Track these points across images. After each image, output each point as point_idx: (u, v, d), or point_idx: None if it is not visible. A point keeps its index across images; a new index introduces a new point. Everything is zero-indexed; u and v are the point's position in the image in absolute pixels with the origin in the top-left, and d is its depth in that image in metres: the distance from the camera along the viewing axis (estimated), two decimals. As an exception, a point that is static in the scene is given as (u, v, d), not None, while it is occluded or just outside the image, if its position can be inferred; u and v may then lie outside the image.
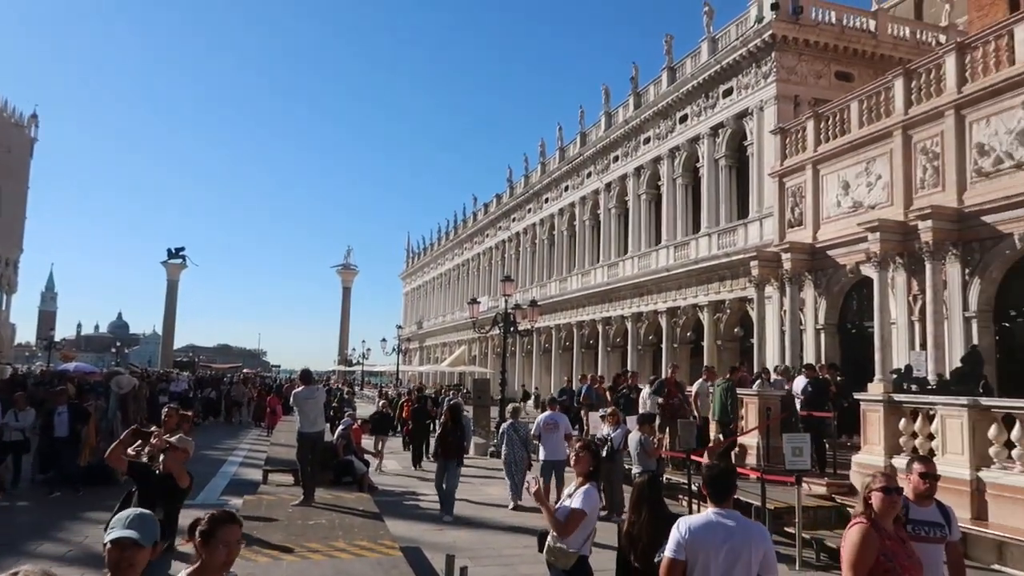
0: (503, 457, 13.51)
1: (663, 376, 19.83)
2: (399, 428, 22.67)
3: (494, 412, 23.45)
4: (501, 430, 14.25)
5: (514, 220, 51.25)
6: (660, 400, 15.95)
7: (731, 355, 25.98)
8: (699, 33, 29.69)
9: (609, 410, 13.72)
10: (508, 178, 53.50)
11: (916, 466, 4.74)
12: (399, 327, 57.82)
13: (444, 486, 12.19)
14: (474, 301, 26.10)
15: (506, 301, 23.87)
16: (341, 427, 16.30)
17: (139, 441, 7.10)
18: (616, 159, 36.21)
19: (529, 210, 48.40)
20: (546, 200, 45.53)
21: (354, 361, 67.29)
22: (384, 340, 58.30)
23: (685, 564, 3.90)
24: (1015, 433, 9.86)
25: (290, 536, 8.84)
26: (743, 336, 25.88)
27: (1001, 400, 11.16)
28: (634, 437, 11.51)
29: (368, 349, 65.41)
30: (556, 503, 5.77)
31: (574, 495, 5.44)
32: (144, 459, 6.96)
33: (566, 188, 42.44)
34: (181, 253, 59.92)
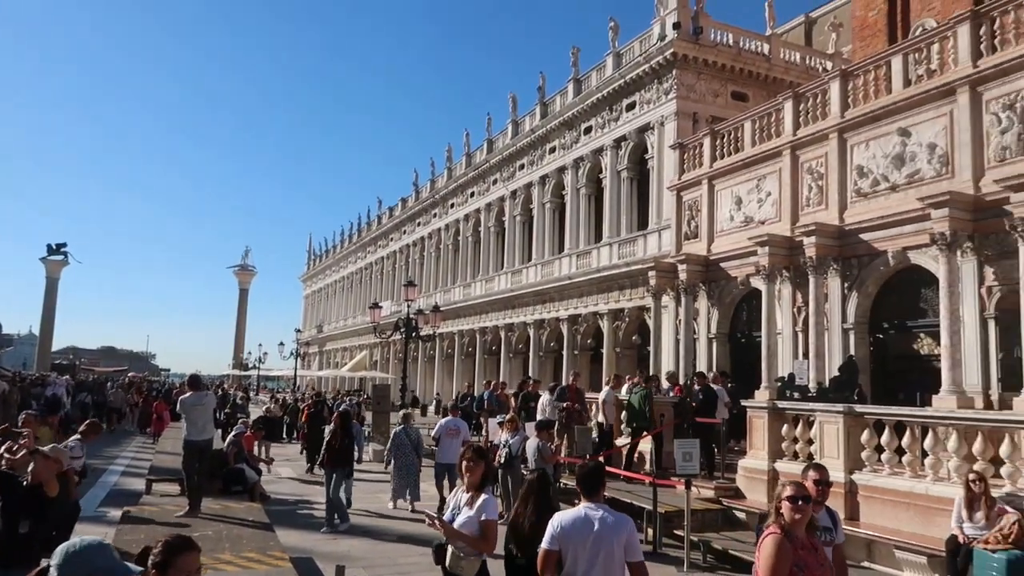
0: (393, 462, 13.62)
1: (564, 383, 20.13)
2: (295, 434, 22.06)
3: (395, 418, 23.17)
4: (392, 435, 14.30)
5: (419, 224, 50.93)
6: (562, 406, 16.15)
7: (629, 362, 26.63)
8: (605, 47, 30.42)
9: (508, 416, 13.80)
10: (414, 182, 53.16)
11: (811, 473, 4.88)
12: (298, 331, 56.42)
13: (332, 495, 11.94)
14: (376, 306, 25.74)
15: (408, 306, 23.66)
16: (232, 434, 15.72)
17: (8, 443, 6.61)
18: (522, 167, 36.56)
19: (435, 215, 48.21)
20: (452, 205, 45.47)
21: (250, 365, 65.15)
22: (282, 344, 56.81)
23: (558, 553, 4.39)
24: (884, 438, 10.52)
25: (172, 549, 8.42)
26: (641, 344, 26.57)
27: (872, 407, 11.90)
28: (532, 443, 11.60)
29: (265, 353, 63.64)
30: (447, 507, 5.71)
31: (476, 506, 5.28)
32: (2, 466, 6.49)
33: (472, 194, 42.52)
34: (63, 249, 56.38)
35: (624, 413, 15.62)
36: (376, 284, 58.43)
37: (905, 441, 10.28)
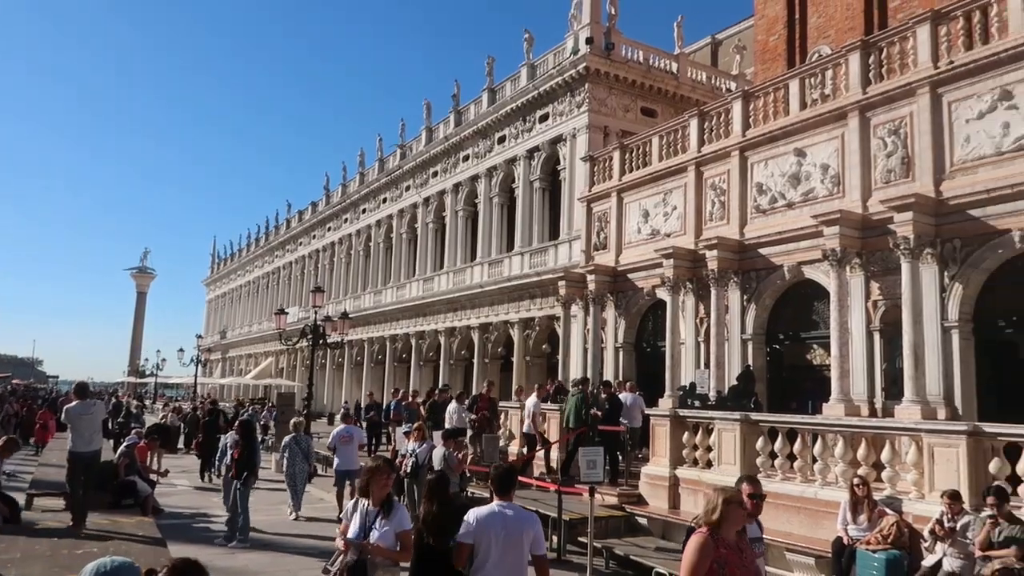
0: (284, 470, 13.53)
1: (475, 392, 20.21)
2: (192, 444, 21.20)
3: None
4: (283, 443, 14.31)
5: (330, 229, 49.97)
6: (472, 417, 16.13)
7: (539, 371, 26.86)
8: (519, 58, 30.71)
9: (415, 425, 13.67)
10: (325, 186, 52.16)
11: (745, 486, 5.09)
12: (199, 336, 54.29)
13: (231, 507, 11.54)
14: (281, 311, 25.05)
15: (316, 312, 23.16)
16: (124, 444, 14.96)
17: None
18: (435, 174, 36.44)
19: (346, 220, 47.42)
20: (363, 211, 44.84)
21: (147, 372, 62.25)
22: (182, 350, 54.44)
23: (472, 546, 4.88)
24: (778, 444, 10.98)
25: (53, 569, 7.96)
26: (551, 353, 26.85)
27: (767, 415, 12.40)
28: (439, 452, 11.53)
29: (163, 360, 60.86)
30: (345, 517, 5.63)
31: (391, 519, 5.34)
32: None
33: (384, 200, 42.07)
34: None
35: (568, 416, 15.53)
36: (284, 289, 56.95)
37: (796, 447, 10.76)
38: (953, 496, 8.33)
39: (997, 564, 3.77)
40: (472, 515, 4.96)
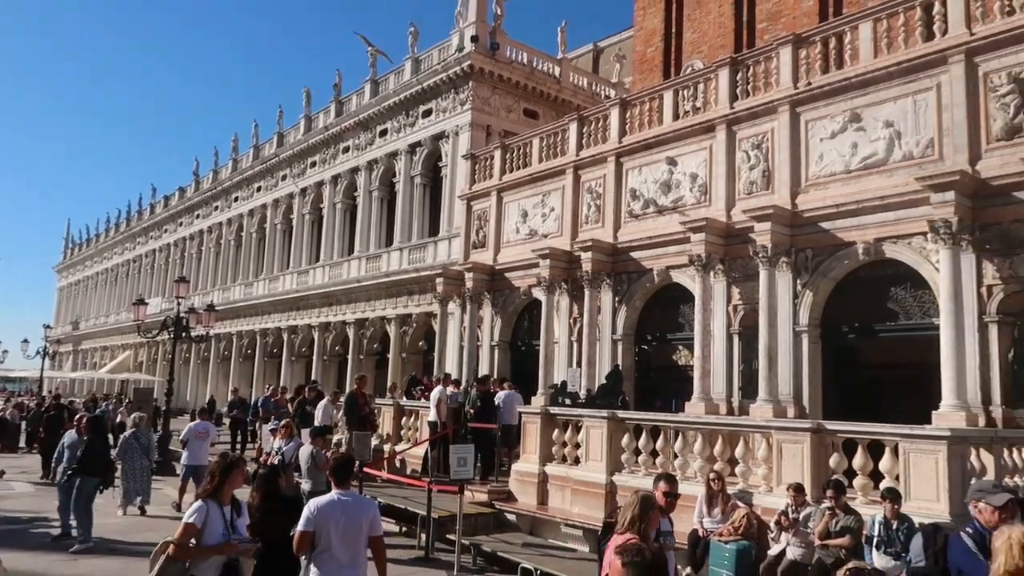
0: (120, 466, 13.09)
1: (349, 388, 19.72)
2: (35, 442, 19.63)
3: (175, 425, 21.43)
4: (121, 439, 13.88)
5: (198, 217, 47.60)
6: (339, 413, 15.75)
7: (415, 367, 26.64)
8: (404, 51, 30.39)
9: (282, 422, 13.22)
10: (195, 171, 49.63)
11: (661, 484, 5.24)
12: (47, 327, 50.30)
13: (74, 508, 10.77)
14: (141, 302, 23.59)
15: (179, 304, 21.98)
16: (-48, 443, 13.66)
17: None
18: (313, 164, 35.45)
19: (216, 208, 45.31)
20: (236, 199, 43.00)
21: (-15, 364, 57.09)
22: (26, 341, 50.22)
23: (313, 534, 5.11)
24: (642, 441, 11.38)
25: None
26: (427, 349, 26.70)
27: (632, 413, 12.83)
28: (306, 450, 11.18)
29: (5, 351, 55.99)
30: (201, 515, 5.37)
31: (242, 515, 5.44)
32: None
33: (259, 188, 40.51)
34: None
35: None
36: (146, 278, 53.76)
37: (659, 444, 11.18)
38: (797, 489, 8.91)
39: (851, 565, 4.01)
40: (313, 504, 5.24)
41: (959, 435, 8.49)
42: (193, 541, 5.05)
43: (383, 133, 30.80)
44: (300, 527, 5.16)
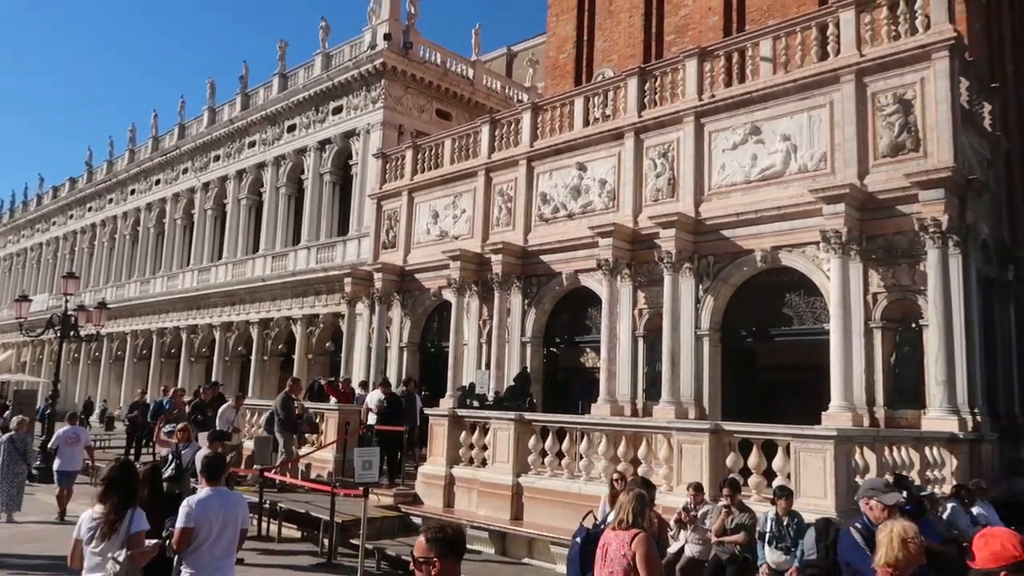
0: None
1: (250, 390, 19.14)
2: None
3: (39, 428, 20.18)
4: None
5: (91, 210, 45.13)
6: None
7: (321, 369, 26.08)
8: (314, 45, 29.75)
9: (179, 426, 12.65)
10: (87, 160, 47.05)
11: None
12: (-82, 324, 46.68)
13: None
14: (24, 298, 22.14)
15: (67, 301, 20.78)
16: None
17: None
18: (217, 159, 34.21)
19: (111, 200, 43.08)
20: (132, 192, 41.01)
21: None
22: None
23: (193, 529, 5.34)
24: (548, 443, 11.48)
25: None
26: (334, 351, 26.19)
27: (539, 415, 12.96)
28: (202, 455, 10.74)
29: None
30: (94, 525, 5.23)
31: (138, 520, 5.32)
32: None
33: (157, 182, 38.76)
34: None
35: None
36: (31, 274, 50.58)
37: (565, 445, 11.31)
38: (696, 488, 9.17)
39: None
40: (192, 500, 5.48)
41: (844, 435, 8.95)
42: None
43: (291, 128, 30.03)
44: (180, 524, 5.34)
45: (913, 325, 12.10)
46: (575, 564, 6.93)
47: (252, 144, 32.04)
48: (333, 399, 16.27)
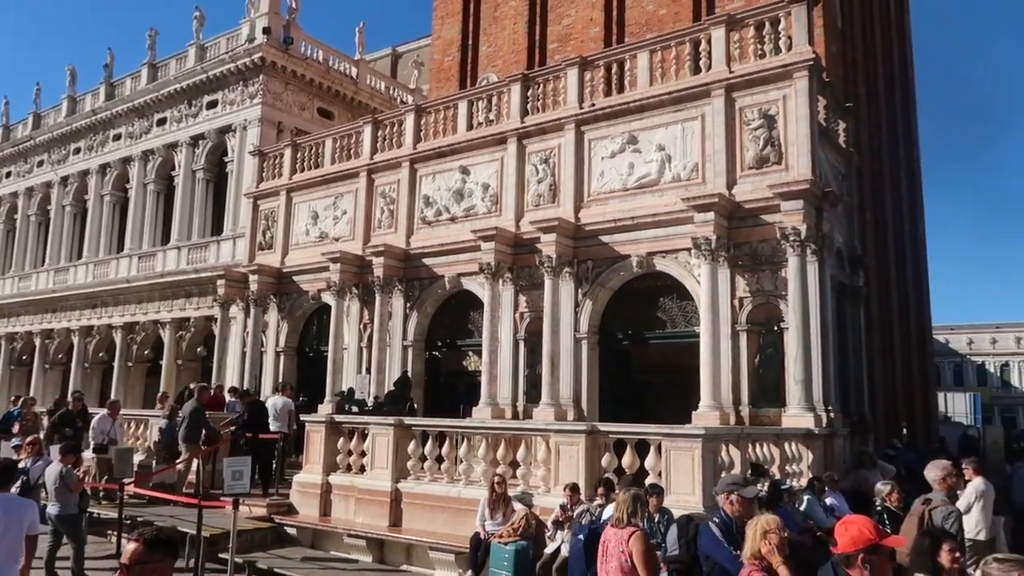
0: None
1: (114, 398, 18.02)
2: None
3: None
4: None
5: (-69, 203, 41.14)
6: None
7: (192, 375, 24.82)
8: (187, 36, 28.35)
9: (29, 439, 11.70)
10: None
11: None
12: None
13: None
14: None
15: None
16: None
17: None
18: (78, 151, 31.96)
19: (-46, 193, 39.44)
20: (-21, 185, 37.71)
21: None
22: None
23: None
24: (428, 448, 11.38)
25: None
26: (207, 356, 25.00)
27: (419, 419, 12.85)
28: (53, 469, 9.97)
29: None
30: None
31: None
32: None
33: (8, 174, 35.79)
34: None
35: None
36: None
37: (445, 450, 11.24)
38: (573, 488, 9.33)
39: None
40: None
41: (712, 433, 9.34)
42: None
43: (162, 122, 28.49)
44: None
45: (775, 328, 12.81)
46: (579, 561, 7.05)
47: (117, 137, 30.16)
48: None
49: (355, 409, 14.00)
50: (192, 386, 16.94)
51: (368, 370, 17.34)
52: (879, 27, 22.70)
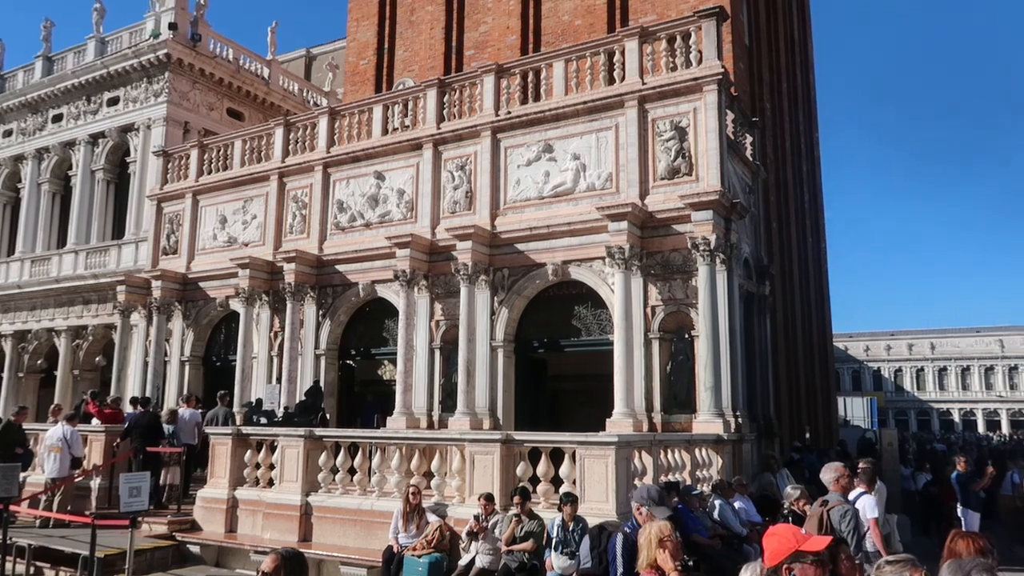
0: None
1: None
2: None
3: None
4: None
5: None
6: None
7: (90, 386, 23.45)
8: (87, 28, 26.97)
9: None
10: None
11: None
12: None
13: None
14: None
15: None
16: None
17: None
18: (-37, 148, 29.93)
19: None
20: None
21: None
22: None
23: None
24: (340, 459, 11.09)
25: None
26: (105, 366, 23.75)
27: (331, 430, 12.52)
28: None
29: None
30: None
31: None
32: None
33: None
34: None
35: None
36: None
37: (357, 461, 10.98)
38: (488, 498, 9.26)
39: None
40: None
41: (624, 440, 9.42)
42: None
43: (58, 119, 27.00)
44: None
45: (686, 336, 13.09)
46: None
47: (8, 134, 28.40)
48: (96, 420, 14.68)
49: (264, 420, 13.52)
50: (86, 397, 16.08)
51: (279, 380, 16.82)
52: (784, 46, 23.66)
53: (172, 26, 24.38)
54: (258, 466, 11.92)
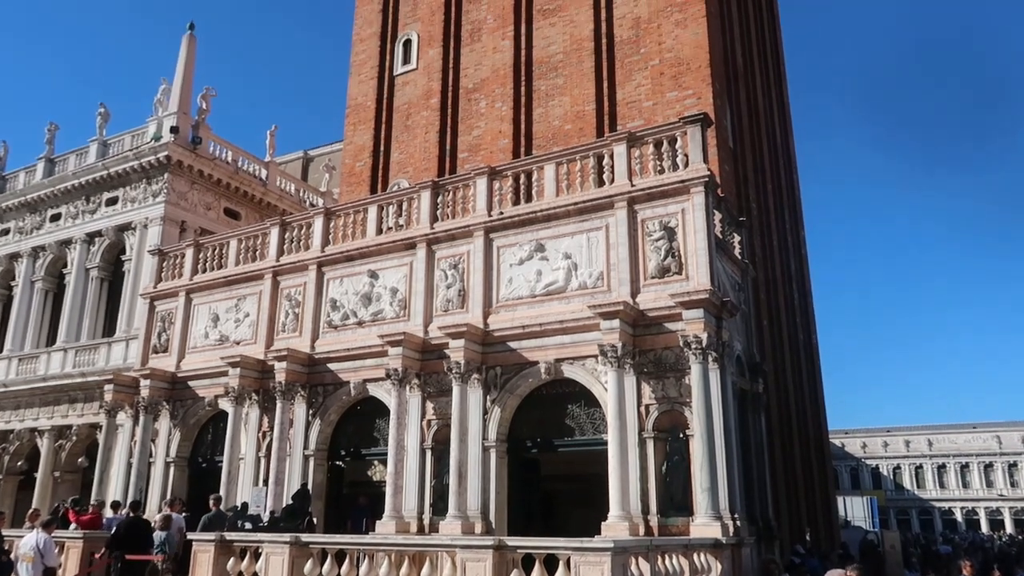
0: None
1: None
2: None
3: None
4: None
5: None
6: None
7: (70, 489, 22.90)
8: (90, 131, 27.71)
9: None
10: None
11: None
12: None
13: None
14: None
15: None
16: None
17: None
18: (-42, 247, 30.16)
19: None
20: None
21: None
22: None
23: None
24: (326, 567, 10.68)
25: None
26: (88, 467, 23.15)
27: (318, 536, 12.12)
28: None
29: None
30: None
31: None
32: None
33: None
34: None
35: None
36: None
37: (344, 569, 10.57)
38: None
39: None
40: None
41: (620, 547, 9.14)
42: None
43: (56, 218, 27.39)
44: None
45: (681, 435, 12.90)
46: None
47: (5, 232, 28.72)
48: (74, 525, 14.18)
49: (248, 525, 13.09)
50: (66, 504, 15.59)
51: (266, 482, 16.40)
52: (767, 147, 24.42)
53: (174, 130, 25.11)
54: (241, 575, 11.46)
